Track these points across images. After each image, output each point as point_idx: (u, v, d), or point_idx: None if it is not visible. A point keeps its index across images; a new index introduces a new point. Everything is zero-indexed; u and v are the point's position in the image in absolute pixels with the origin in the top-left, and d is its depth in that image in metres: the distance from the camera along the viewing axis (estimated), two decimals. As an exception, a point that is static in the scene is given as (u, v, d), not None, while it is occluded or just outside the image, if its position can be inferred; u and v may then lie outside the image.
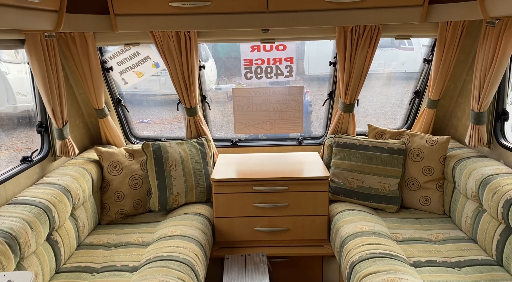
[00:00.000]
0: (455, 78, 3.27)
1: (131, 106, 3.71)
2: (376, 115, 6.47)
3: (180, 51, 3.06)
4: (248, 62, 3.48)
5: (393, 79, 6.80)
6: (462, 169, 2.72)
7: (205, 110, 3.62)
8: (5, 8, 1.78)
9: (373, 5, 2.45)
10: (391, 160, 3.01)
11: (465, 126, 3.17)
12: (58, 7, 2.20)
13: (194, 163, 3.20)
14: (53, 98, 2.65)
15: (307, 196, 2.97)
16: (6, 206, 2.26)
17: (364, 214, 2.88)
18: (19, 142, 5.29)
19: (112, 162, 3.06)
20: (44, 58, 2.52)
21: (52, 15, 2.18)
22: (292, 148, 3.70)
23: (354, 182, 3.07)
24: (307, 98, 5.51)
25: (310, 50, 5.98)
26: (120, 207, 3.03)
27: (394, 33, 3.07)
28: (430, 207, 2.98)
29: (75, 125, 3.29)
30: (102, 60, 3.31)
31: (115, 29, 2.53)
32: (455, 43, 2.93)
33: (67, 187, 2.56)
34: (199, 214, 2.98)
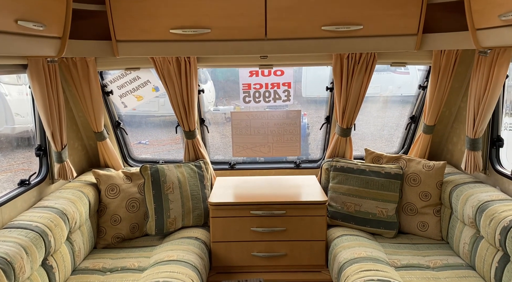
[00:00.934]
0: (450, 105, 3.33)
1: (129, 127, 3.73)
2: (373, 138, 6.53)
3: (180, 76, 3.11)
4: (247, 86, 3.54)
5: (390, 103, 6.89)
6: (458, 194, 2.73)
7: (203, 133, 3.65)
8: (10, 36, 1.82)
9: (368, 34, 2.51)
10: (388, 184, 3.02)
11: (461, 152, 3.21)
12: (62, 34, 2.24)
13: (191, 186, 3.20)
14: (53, 122, 2.68)
15: (305, 220, 2.96)
16: (2, 231, 2.24)
17: (362, 239, 2.87)
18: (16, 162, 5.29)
19: (110, 185, 3.06)
20: (46, 82, 2.56)
21: (55, 42, 2.23)
22: (290, 171, 3.71)
23: (351, 206, 3.08)
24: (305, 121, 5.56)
25: (308, 73, 6.07)
26: (116, 230, 3.01)
27: (390, 60, 3.15)
28: (428, 232, 2.98)
29: (73, 148, 3.30)
30: (103, 84, 3.36)
31: (116, 54, 2.57)
32: (449, 70, 3.00)
33: (64, 210, 2.55)
34: (196, 238, 2.96)
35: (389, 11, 2.43)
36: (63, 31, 2.24)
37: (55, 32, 2.16)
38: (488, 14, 2.04)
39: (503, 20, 1.90)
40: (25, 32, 1.90)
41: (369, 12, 2.43)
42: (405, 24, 2.46)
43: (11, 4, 1.72)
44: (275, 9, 2.43)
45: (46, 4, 1.99)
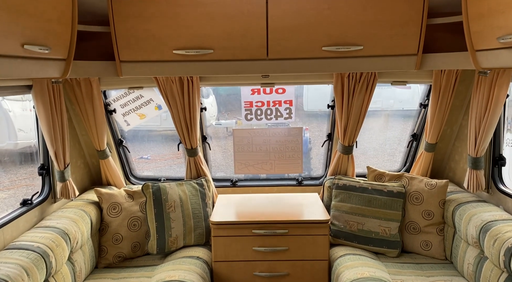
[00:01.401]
0: (452, 123, 3.34)
1: (131, 142, 3.74)
2: (376, 153, 6.52)
3: (182, 94, 3.14)
4: (249, 104, 3.56)
5: (392, 117, 6.91)
6: (461, 213, 2.72)
7: (205, 150, 3.66)
8: (17, 60, 1.85)
9: (369, 54, 2.54)
10: (390, 203, 3.01)
11: (463, 170, 3.20)
12: (66, 55, 2.27)
13: (193, 204, 3.19)
14: (56, 141, 2.70)
15: (307, 239, 2.95)
16: (4, 252, 2.24)
17: (365, 259, 2.84)
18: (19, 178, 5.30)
19: (112, 203, 3.05)
20: (50, 103, 2.59)
21: (60, 63, 2.25)
22: (292, 188, 3.70)
23: (354, 225, 3.06)
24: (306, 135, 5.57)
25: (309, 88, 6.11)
26: (118, 249, 3.00)
27: (390, 79, 3.17)
28: (431, 251, 2.95)
29: (76, 166, 3.31)
30: (106, 102, 3.39)
31: (120, 74, 2.60)
32: (450, 89, 3.02)
33: (65, 230, 2.54)
34: (198, 257, 2.94)
35: (389, 31, 2.46)
36: (68, 53, 2.27)
37: (60, 54, 2.19)
38: (486, 36, 2.06)
39: (501, 42, 1.92)
40: (31, 55, 1.93)
41: (369, 33, 2.46)
42: (405, 44, 2.49)
43: (19, 29, 1.75)
44: (276, 30, 2.46)
45: (52, 28, 2.03)
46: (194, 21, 2.44)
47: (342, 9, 2.41)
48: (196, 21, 2.44)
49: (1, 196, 5.04)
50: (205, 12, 2.42)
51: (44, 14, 1.93)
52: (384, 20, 2.42)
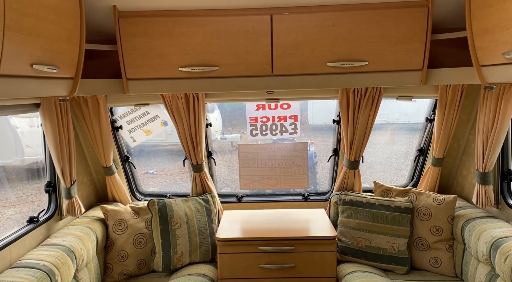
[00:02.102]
0: (458, 137, 3.32)
1: (136, 157, 3.75)
2: (382, 167, 6.48)
3: (188, 111, 3.16)
4: (254, 120, 3.57)
5: (398, 131, 6.89)
6: (471, 229, 2.67)
7: (210, 166, 3.65)
8: (26, 79, 1.88)
9: (374, 70, 2.55)
10: (398, 218, 2.98)
11: (471, 185, 3.16)
12: (74, 74, 2.31)
13: (199, 220, 3.17)
14: (63, 158, 2.71)
15: (314, 256, 2.91)
16: (10, 270, 2.23)
17: (373, 276, 2.79)
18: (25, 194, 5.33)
19: (117, 220, 3.05)
20: (57, 121, 2.61)
21: (68, 82, 2.29)
22: (298, 204, 3.67)
23: (362, 241, 3.02)
24: (312, 149, 5.56)
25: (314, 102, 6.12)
26: (123, 267, 2.98)
27: (396, 94, 3.17)
28: (441, 268, 2.90)
29: (82, 183, 3.32)
30: (112, 119, 3.42)
31: (127, 92, 2.62)
32: (456, 104, 3.01)
33: (71, 248, 2.53)
34: (203, 275, 2.90)
35: (393, 47, 2.47)
36: (76, 72, 2.31)
37: (68, 73, 2.22)
38: (491, 52, 2.07)
39: (507, 58, 1.92)
40: (39, 75, 1.96)
41: (374, 49, 2.47)
42: (410, 59, 2.50)
43: (28, 50, 1.79)
44: (281, 46, 2.49)
45: (60, 47, 2.06)
46: (199, 39, 2.47)
47: (346, 25, 2.43)
48: (201, 39, 2.47)
49: (8, 213, 5.06)
50: (210, 30, 2.46)
51: (53, 34, 1.97)
52: (389, 36, 2.44)
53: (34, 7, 1.79)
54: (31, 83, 1.94)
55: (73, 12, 2.14)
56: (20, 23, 1.70)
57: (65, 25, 2.08)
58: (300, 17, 2.43)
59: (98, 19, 2.48)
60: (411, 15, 2.40)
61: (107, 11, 2.43)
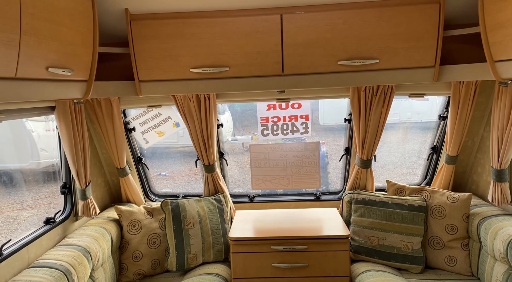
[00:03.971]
0: (472, 134, 3.27)
1: (149, 159, 3.79)
2: (394, 166, 6.43)
3: (199, 112, 3.19)
4: (265, 119, 3.58)
5: (410, 130, 6.82)
6: (487, 228, 2.63)
7: (222, 166, 3.67)
8: (41, 82, 1.92)
9: (385, 67, 2.53)
10: (412, 217, 2.95)
11: (487, 182, 3.12)
12: (88, 77, 2.35)
13: (211, 220, 3.19)
14: (78, 160, 2.76)
15: (327, 255, 2.90)
16: (28, 270, 2.28)
17: (387, 275, 2.77)
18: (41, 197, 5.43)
19: (132, 220, 3.08)
20: (72, 123, 2.66)
21: (82, 85, 2.33)
22: (310, 203, 3.66)
23: (375, 240, 3.00)
24: (323, 149, 5.54)
25: (325, 102, 6.10)
26: (138, 267, 3.01)
27: (408, 92, 3.14)
28: (457, 267, 2.86)
29: (97, 184, 3.37)
30: (125, 121, 3.46)
31: (139, 94, 2.66)
32: (470, 100, 2.97)
33: (87, 248, 2.58)
34: (217, 274, 2.92)
35: (405, 44, 2.46)
36: (90, 74, 2.35)
37: (82, 76, 2.26)
38: (506, 47, 2.04)
39: (522, 53, 1.89)
40: (54, 78, 2.00)
41: (385, 46, 2.46)
42: (422, 56, 2.48)
43: (43, 53, 1.83)
44: (291, 46, 2.49)
45: (74, 51, 2.10)
46: (210, 40, 2.50)
47: (356, 23, 2.43)
48: (212, 40, 2.50)
49: (25, 214, 5.16)
50: (221, 31, 2.47)
51: (67, 37, 2.01)
52: (400, 33, 2.43)
53: (49, 11, 1.83)
54: (46, 86, 1.98)
55: (86, 16, 2.18)
56: (36, 27, 1.74)
57: (79, 28, 2.12)
58: (310, 16, 2.43)
59: (111, 22, 2.52)
60: (422, 12, 2.39)
61: (119, 14, 2.47)
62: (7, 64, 1.62)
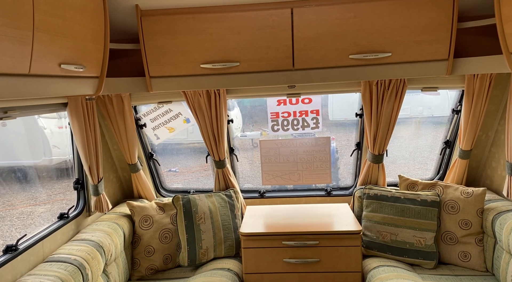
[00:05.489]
0: (487, 128, 3.22)
1: (159, 155, 3.81)
2: (406, 161, 6.37)
3: (210, 107, 3.19)
4: (275, 115, 3.56)
5: (422, 125, 6.74)
6: (502, 223, 2.59)
7: (233, 162, 3.67)
8: (54, 79, 1.94)
9: (397, 61, 2.49)
10: (425, 212, 2.92)
11: (502, 177, 3.07)
12: (99, 73, 2.36)
13: (222, 215, 3.20)
14: (90, 156, 2.78)
15: (339, 251, 2.89)
16: (43, 264, 2.31)
17: (400, 271, 2.75)
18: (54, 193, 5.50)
19: (144, 216, 3.11)
20: (84, 119, 2.68)
21: (94, 81, 2.34)
22: (321, 199, 3.65)
23: (387, 235, 2.98)
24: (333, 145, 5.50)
25: (334, 97, 6.06)
26: (150, 262, 3.04)
27: (420, 86, 3.10)
28: (471, 263, 2.83)
29: (109, 180, 3.40)
30: (136, 117, 3.48)
31: (150, 90, 2.67)
32: (484, 94, 2.92)
33: (100, 243, 2.60)
34: (228, 269, 2.93)
35: (418, 37, 2.42)
36: (101, 71, 2.36)
37: (93, 72, 2.28)
38: (522, 38, 1.99)
39: (539, 44, 1.85)
40: (67, 74, 2.01)
41: (397, 39, 2.42)
42: (435, 49, 2.43)
43: (56, 50, 1.84)
44: (302, 40, 2.47)
45: (86, 47, 2.11)
46: (220, 36, 2.49)
47: (368, 16, 2.39)
48: (222, 35, 2.49)
49: (39, 210, 5.25)
50: (231, 26, 2.46)
51: (79, 34, 2.02)
52: (412, 26, 2.39)
53: (61, 8, 1.84)
54: (59, 82, 2.00)
55: (97, 13, 2.19)
56: (48, 24, 1.75)
57: (90, 25, 2.13)
58: (321, 9, 2.40)
59: (121, 18, 2.53)
60: (435, 4, 2.34)
61: (130, 11, 2.47)
62: (21, 61, 1.63)
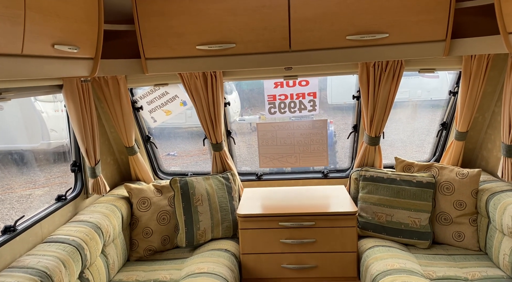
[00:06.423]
0: (483, 110, 3.22)
1: (157, 139, 3.82)
2: (403, 145, 6.38)
3: (206, 90, 3.17)
4: (272, 97, 3.55)
5: (419, 108, 6.73)
6: (496, 203, 2.62)
7: (230, 145, 3.68)
8: (48, 60, 1.92)
9: (395, 42, 2.47)
10: (420, 193, 2.95)
11: (497, 158, 3.09)
12: (94, 54, 2.34)
13: (220, 198, 3.23)
14: (86, 138, 2.79)
15: (335, 231, 2.93)
16: (42, 245, 2.34)
17: (394, 250, 2.80)
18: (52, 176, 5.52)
19: (141, 198, 3.13)
20: (80, 101, 2.67)
21: (88, 62, 2.33)
22: (318, 181, 3.68)
23: (383, 216, 3.01)
24: (331, 129, 5.51)
25: (333, 80, 6.02)
26: (148, 243, 3.07)
27: (417, 67, 3.08)
28: (464, 242, 2.87)
29: (106, 162, 3.41)
30: (133, 100, 3.47)
31: (146, 72, 2.65)
32: (481, 75, 2.91)
33: (98, 224, 2.63)
34: (226, 250, 2.97)
35: (415, 17, 2.39)
36: (96, 52, 2.34)
37: (88, 53, 2.26)
38: (520, 17, 1.97)
39: (537, 23, 1.83)
40: (61, 55, 2.00)
41: (395, 20, 2.39)
42: (432, 30, 2.41)
43: (49, 30, 1.82)
44: (298, 21, 2.44)
45: (80, 27, 2.09)
46: (216, 17, 2.45)
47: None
48: (218, 17, 2.45)
49: (38, 193, 5.27)
50: (227, 7, 2.43)
51: (73, 14, 1.99)
52: (410, 5, 2.36)
53: (53, -14, 1.81)
54: (53, 63, 1.98)
55: (91, -8, 2.16)
56: (40, 3, 1.73)
57: (84, 5, 2.10)
58: None
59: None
60: (434, -17, 2.31)
61: (124, -9, 2.43)
62: (13, 41, 1.61)
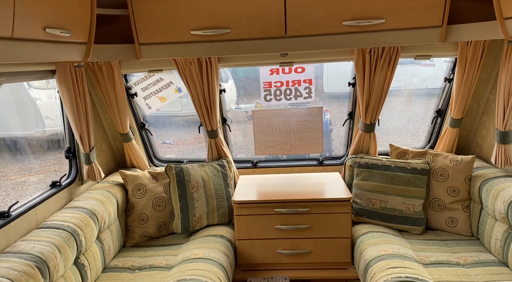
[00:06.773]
0: (478, 97, 3.23)
1: (153, 127, 3.80)
2: (398, 133, 6.41)
3: (201, 76, 3.15)
4: (268, 84, 3.53)
5: (415, 96, 6.74)
6: (489, 189, 2.65)
7: (225, 132, 3.67)
8: (39, 43, 1.90)
9: (391, 27, 2.46)
10: (414, 180, 2.97)
11: (491, 145, 3.11)
12: (87, 39, 2.31)
13: (215, 184, 3.23)
14: (81, 124, 2.77)
15: (329, 217, 2.95)
16: (37, 230, 2.34)
17: (388, 236, 2.83)
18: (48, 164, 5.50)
19: (137, 185, 3.13)
20: (73, 87, 2.64)
21: (81, 47, 2.30)
22: (313, 168, 3.69)
23: (377, 203, 3.03)
24: (327, 117, 5.51)
25: (329, 69, 6.00)
26: (144, 229, 3.08)
27: (413, 54, 3.07)
28: (457, 228, 2.91)
29: (101, 149, 3.39)
30: (127, 86, 3.44)
31: (140, 57, 2.62)
32: (477, 62, 2.90)
33: (93, 210, 2.63)
34: (221, 236, 2.99)
35: (411, 3, 2.37)
36: (88, 37, 2.31)
37: (80, 38, 2.22)
38: (517, 2, 1.96)
39: (533, 8, 1.82)
40: (52, 39, 1.97)
41: (391, 5, 2.38)
42: (428, 16, 2.40)
43: (40, 13, 1.79)
44: (294, 6, 2.41)
45: (71, 11, 2.05)
46: (211, 1, 2.42)
47: (361, -19, 2.34)
48: (213, 1, 2.42)
49: (33, 180, 5.26)
50: (222, -10, 2.39)
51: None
52: None
53: (43, -32, 1.77)
54: (45, 47, 1.96)
55: (82, -26, 2.12)
56: None
57: (75, -13, 2.06)
58: None
59: (108, -19, 2.45)
60: (430, -33, 2.29)
61: (117, -27, 2.39)
62: (2, 23, 1.59)
